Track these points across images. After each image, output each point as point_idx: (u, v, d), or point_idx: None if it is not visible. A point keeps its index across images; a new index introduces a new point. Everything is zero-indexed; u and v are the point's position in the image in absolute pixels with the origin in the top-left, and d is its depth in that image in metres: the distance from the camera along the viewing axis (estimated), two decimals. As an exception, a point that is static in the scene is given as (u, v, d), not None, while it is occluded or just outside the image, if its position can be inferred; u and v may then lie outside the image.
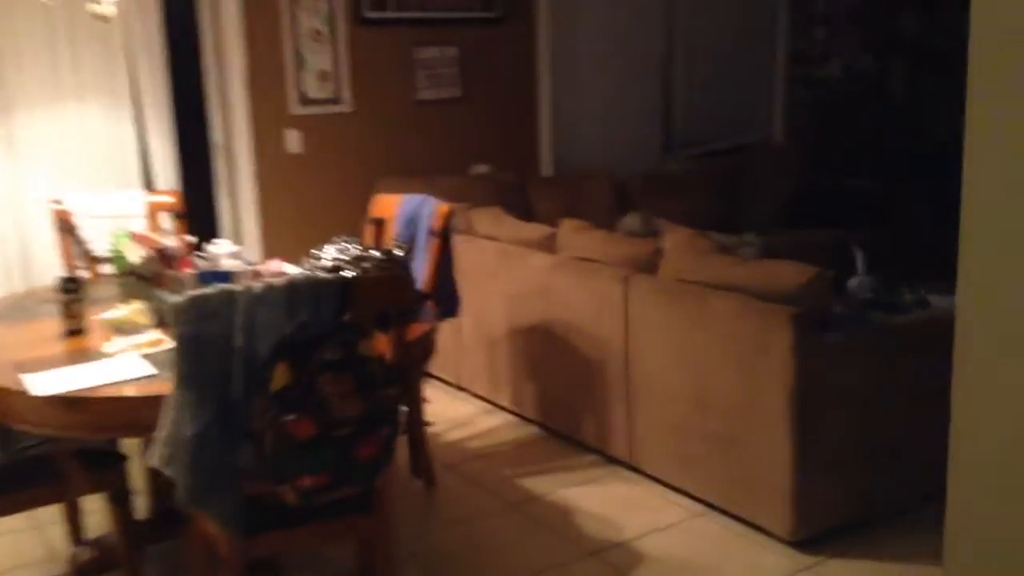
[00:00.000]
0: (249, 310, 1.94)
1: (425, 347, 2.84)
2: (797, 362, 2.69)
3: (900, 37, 6.77)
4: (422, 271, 3.16)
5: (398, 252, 2.85)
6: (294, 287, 1.99)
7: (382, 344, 2.14)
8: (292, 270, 3.00)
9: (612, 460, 3.41)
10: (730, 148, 6.14)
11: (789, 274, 2.80)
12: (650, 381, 3.18)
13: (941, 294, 4.25)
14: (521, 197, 4.99)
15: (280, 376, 1.95)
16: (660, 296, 3.12)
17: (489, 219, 4.10)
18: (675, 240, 3.25)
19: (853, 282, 3.30)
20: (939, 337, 2.01)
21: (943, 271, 5.87)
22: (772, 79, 6.25)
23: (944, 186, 6.32)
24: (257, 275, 2.89)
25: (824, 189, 5.89)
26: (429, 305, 3.01)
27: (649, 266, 3.25)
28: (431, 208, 3.25)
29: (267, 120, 4.64)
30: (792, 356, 2.69)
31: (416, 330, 2.63)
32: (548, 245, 3.72)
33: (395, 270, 2.72)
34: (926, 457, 2.42)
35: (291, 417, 1.94)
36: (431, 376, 4.22)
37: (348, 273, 2.58)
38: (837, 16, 6.42)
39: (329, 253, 2.80)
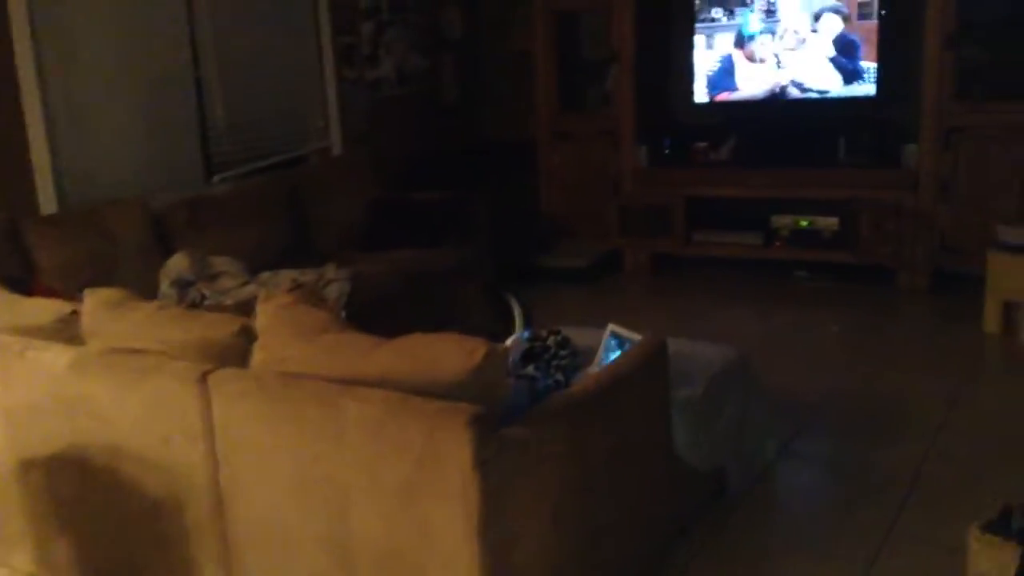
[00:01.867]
0: None
1: None
2: (481, 478, 1.88)
3: (445, 35, 6.33)
4: None
5: None
6: None
7: None
8: None
9: (209, 637, 2.33)
10: (285, 162, 5.19)
11: (452, 355, 1.97)
12: (259, 526, 2.16)
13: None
14: (11, 247, 3.59)
15: None
16: (261, 400, 2.12)
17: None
18: (270, 310, 2.25)
19: (508, 344, 2.60)
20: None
21: (535, 281, 5.44)
22: (322, 83, 5.41)
23: (507, 190, 6.06)
24: None
25: (395, 204, 5.21)
26: None
27: (237, 354, 2.23)
28: None
29: None
30: (474, 471, 1.87)
31: None
32: (67, 332, 2.49)
33: None
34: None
35: None
36: None
37: None
38: (382, 9, 5.77)
39: None
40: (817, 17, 5.22)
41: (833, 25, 5.18)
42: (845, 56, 5.19)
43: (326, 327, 2.15)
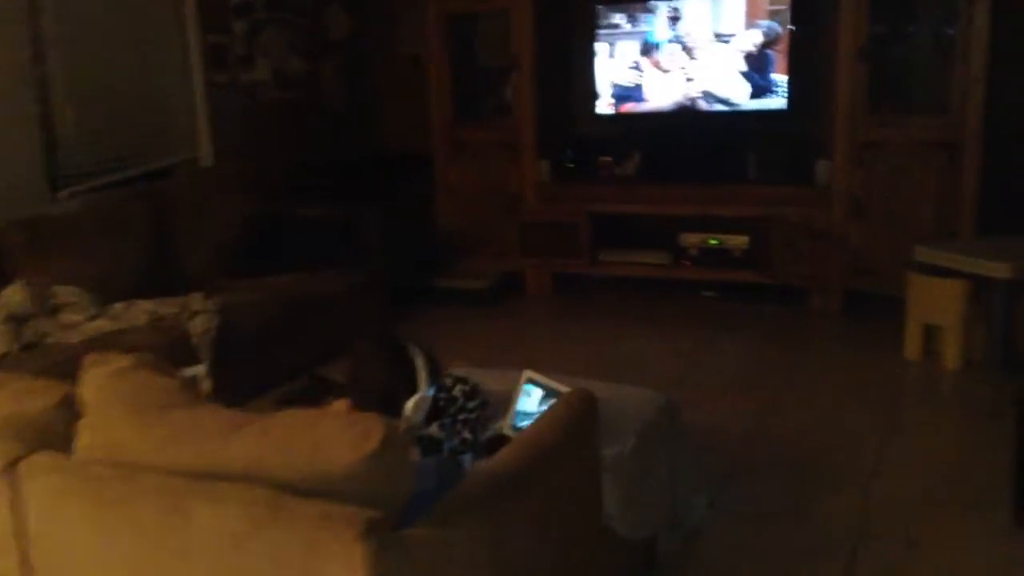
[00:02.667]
0: None
1: None
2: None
3: (329, 36, 5.84)
4: None
5: None
6: None
7: None
8: None
9: None
10: (147, 175, 4.61)
11: (339, 439, 1.52)
12: (85, 661, 1.66)
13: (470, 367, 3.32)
14: None
15: None
16: (86, 499, 1.62)
17: None
18: (100, 378, 1.75)
19: (411, 406, 2.16)
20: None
21: (431, 304, 4.97)
22: (190, 86, 4.84)
23: (400, 206, 5.60)
24: None
25: (274, 222, 4.69)
26: None
27: (57, 433, 1.72)
28: None
29: None
30: (367, 592, 1.43)
31: None
32: None
33: None
34: None
35: None
36: None
37: None
38: (257, 7, 5.24)
39: None
40: (734, 32, 4.96)
41: (752, 38, 4.92)
42: (757, 70, 4.95)
43: (173, 400, 1.67)
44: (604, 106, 5.27)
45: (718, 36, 4.98)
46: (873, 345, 4.36)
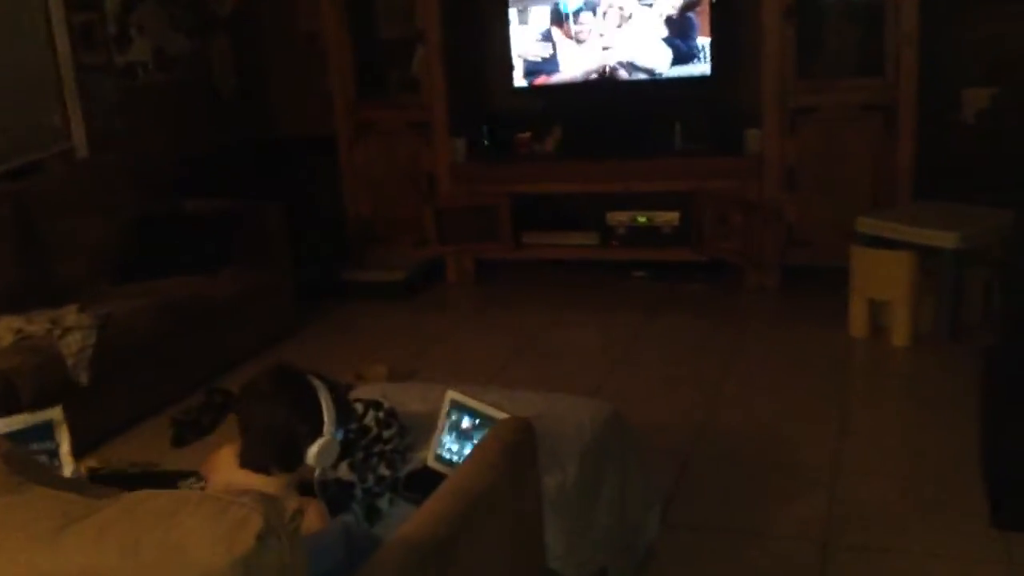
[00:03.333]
0: None
1: None
2: None
3: (214, 13, 5.33)
4: None
5: None
6: None
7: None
8: None
9: None
10: (12, 172, 4.08)
11: (203, 538, 1.13)
12: None
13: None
14: None
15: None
16: None
17: None
18: None
19: (315, 452, 1.77)
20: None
21: (344, 300, 4.53)
22: (56, 67, 4.31)
23: (304, 195, 5.14)
24: None
25: (162, 219, 4.22)
26: None
27: None
28: None
29: None
30: None
31: None
32: None
33: None
34: None
35: None
36: None
37: None
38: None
39: None
40: (649, -11, 4.63)
41: (673, 1, 4.60)
42: (679, 35, 4.64)
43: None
44: (519, 79, 4.91)
45: (637, 0, 4.65)
46: (816, 322, 4.13)
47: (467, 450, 2.07)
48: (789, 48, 4.40)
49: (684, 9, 4.61)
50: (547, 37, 4.83)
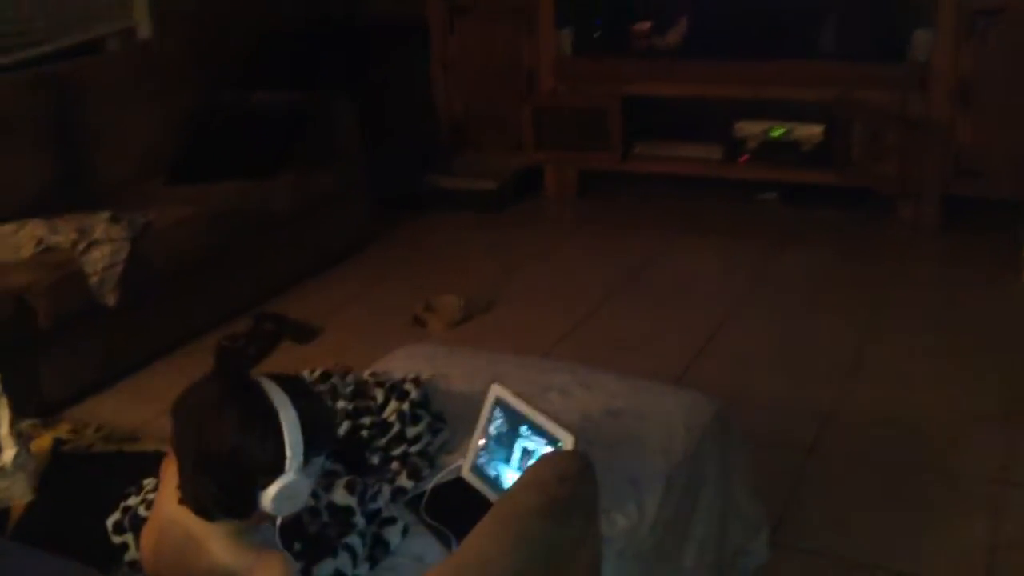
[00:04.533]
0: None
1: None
2: None
3: None
4: None
5: None
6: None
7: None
8: None
9: None
10: (64, 52, 3.68)
11: None
12: None
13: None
14: None
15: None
16: None
17: None
18: None
19: (271, 496, 1.24)
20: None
21: (428, 209, 3.77)
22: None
23: (388, 88, 4.50)
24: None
25: (225, 112, 3.76)
26: None
27: None
28: None
29: None
30: None
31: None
32: None
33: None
34: None
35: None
36: None
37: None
38: None
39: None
40: None
41: None
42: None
43: None
44: (642, -42, 4.18)
45: None
46: (985, 269, 3.41)
47: (514, 459, 1.55)
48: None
49: None
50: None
